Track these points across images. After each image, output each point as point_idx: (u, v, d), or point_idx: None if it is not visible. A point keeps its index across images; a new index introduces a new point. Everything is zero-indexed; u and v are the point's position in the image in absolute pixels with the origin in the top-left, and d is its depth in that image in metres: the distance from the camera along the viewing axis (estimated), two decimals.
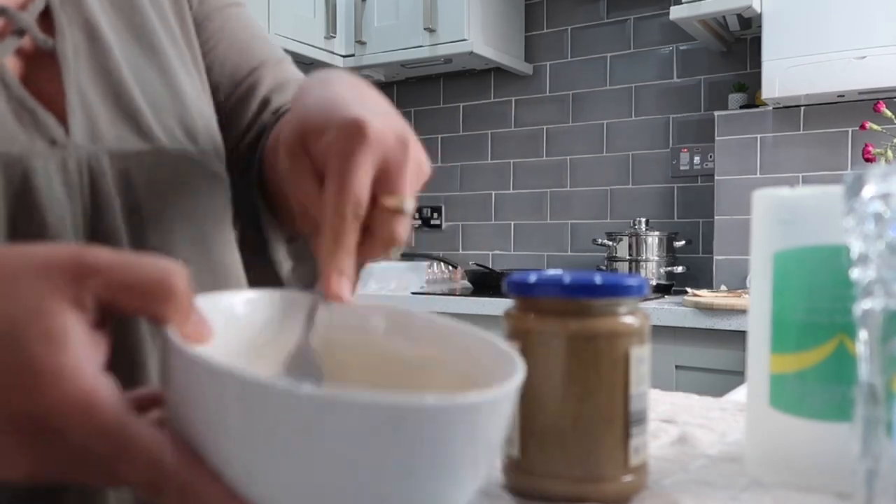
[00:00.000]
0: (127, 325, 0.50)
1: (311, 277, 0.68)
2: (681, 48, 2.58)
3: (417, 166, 0.44)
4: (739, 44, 2.48)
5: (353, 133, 0.41)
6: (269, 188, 0.63)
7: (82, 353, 0.31)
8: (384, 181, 0.42)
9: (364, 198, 0.41)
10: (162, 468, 0.31)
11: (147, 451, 0.31)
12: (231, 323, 0.40)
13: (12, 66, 0.50)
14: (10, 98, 0.48)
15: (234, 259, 0.61)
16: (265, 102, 0.66)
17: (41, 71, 0.51)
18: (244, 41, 0.67)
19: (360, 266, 0.42)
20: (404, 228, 0.43)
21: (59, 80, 0.51)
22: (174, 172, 0.55)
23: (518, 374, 0.33)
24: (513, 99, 2.88)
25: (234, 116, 0.65)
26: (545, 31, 2.82)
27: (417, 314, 0.43)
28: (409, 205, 0.43)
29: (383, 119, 0.43)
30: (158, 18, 0.60)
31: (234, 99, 0.65)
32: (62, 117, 0.50)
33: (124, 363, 0.49)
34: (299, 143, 0.43)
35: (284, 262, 0.65)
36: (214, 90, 0.65)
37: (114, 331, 0.35)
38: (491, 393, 0.30)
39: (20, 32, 0.51)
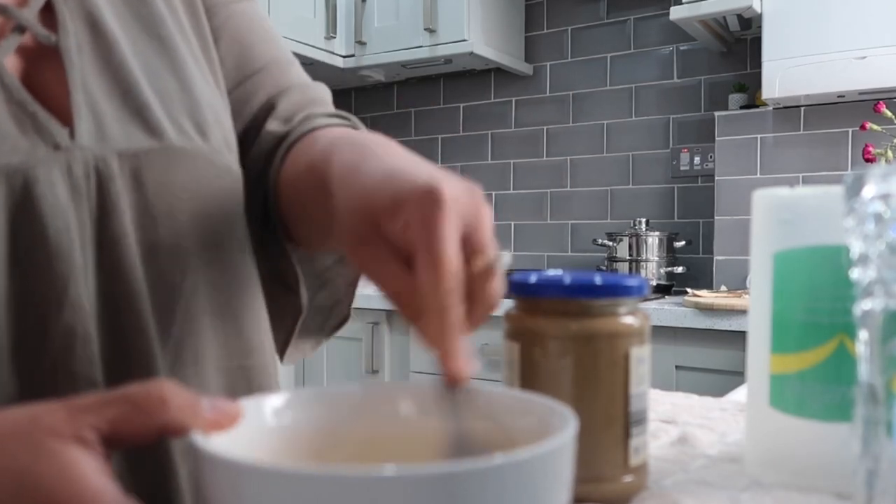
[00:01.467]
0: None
1: (308, 294, 0.67)
2: (681, 48, 2.58)
3: (489, 213, 0.42)
4: (740, 44, 2.48)
5: (431, 202, 0.38)
6: (281, 205, 0.61)
7: (101, 480, 0.31)
8: (469, 243, 0.40)
9: (458, 267, 0.38)
10: None
11: None
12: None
13: (14, 65, 0.48)
14: (11, 102, 0.46)
15: (245, 259, 0.59)
16: (267, 108, 0.63)
17: (44, 68, 0.49)
18: (247, 40, 0.64)
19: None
20: (500, 286, 0.41)
21: (63, 77, 0.49)
22: (185, 170, 0.52)
23: (571, 426, 0.32)
24: (513, 99, 2.88)
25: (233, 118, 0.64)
26: (545, 31, 2.82)
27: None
28: (504, 259, 0.41)
29: (448, 178, 0.40)
30: (167, 8, 0.58)
31: (231, 100, 0.63)
32: (67, 119, 0.48)
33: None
34: (369, 229, 0.41)
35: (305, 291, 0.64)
36: None
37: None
38: (542, 447, 0.29)
39: (21, 29, 0.49)
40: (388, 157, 0.45)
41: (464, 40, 2.54)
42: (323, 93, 0.68)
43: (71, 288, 0.46)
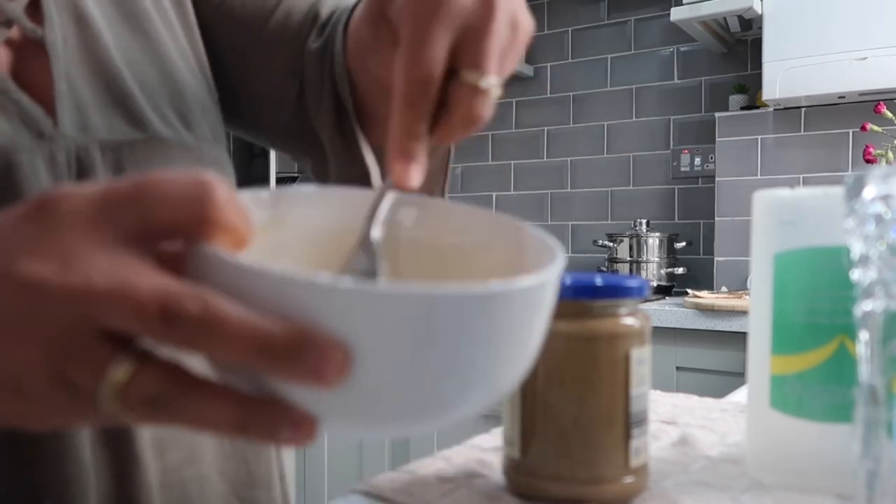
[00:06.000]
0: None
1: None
2: (682, 49, 2.58)
3: (511, 31, 0.39)
4: (740, 45, 2.48)
5: None
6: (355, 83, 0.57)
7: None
8: (465, 51, 0.37)
9: (434, 72, 0.36)
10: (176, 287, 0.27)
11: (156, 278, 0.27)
12: (281, 219, 0.37)
13: (1, 57, 0.49)
14: None
15: None
16: (314, 15, 0.61)
17: (30, 61, 0.50)
18: None
19: (439, 149, 0.38)
20: (484, 108, 0.38)
21: (48, 69, 0.50)
22: (169, 161, 0.53)
23: (558, 260, 0.32)
24: (514, 100, 2.88)
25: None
26: (546, 32, 2.82)
27: (450, 204, 0.40)
28: (489, 82, 0.37)
29: None
30: (152, 2, 0.58)
31: (270, 29, 0.61)
32: (51, 108, 0.49)
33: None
34: (378, 10, 0.39)
35: (373, 167, 0.59)
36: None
37: None
38: (540, 275, 0.30)
39: (8, 23, 0.50)
40: None
41: None
42: None
43: None
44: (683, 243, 2.45)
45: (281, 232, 0.37)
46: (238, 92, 0.63)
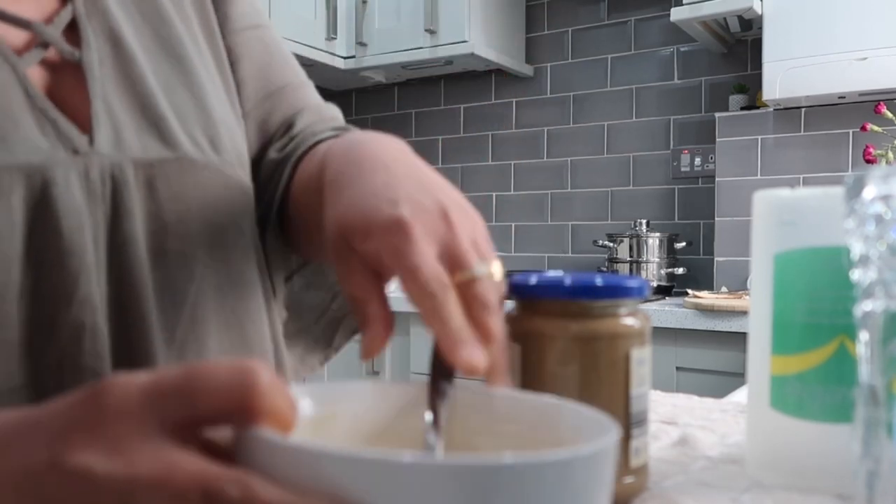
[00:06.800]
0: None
1: (321, 306, 0.69)
2: (682, 49, 2.58)
3: (470, 227, 0.43)
4: (740, 45, 2.48)
5: (397, 233, 0.40)
6: (289, 213, 0.63)
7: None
8: (447, 260, 0.41)
9: (440, 272, 0.39)
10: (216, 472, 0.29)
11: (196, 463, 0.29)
12: (331, 413, 0.38)
13: (38, 77, 0.51)
14: (34, 108, 0.49)
15: (251, 267, 0.61)
16: (286, 126, 0.66)
17: (67, 82, 0.52)
18: (266, 64, 0.67)
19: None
20: (491, 291, 0.41)
21: (84, 90, 0.52)
22: (197, 181, 0.55)
23: (612, 433, 0.32)
24: (514, 100, 2.88)
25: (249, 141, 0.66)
26: (546, 32, 2.82)
27: (496, 392, 0.40)
28: (481, 269, 0.41)
29: (418, 202, 0.42)
30: (185, 30, 0.61)
31: (252, 118, 0.66)
32: (87, 127, 0.51)
33: None
34: (345, 245, 0.43)
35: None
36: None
37: None
38: (584, 448, 0.29)
39: (45, 45, 0.52)
40: (372, 173, 0.46)
41: (464, 41, 2.54)
42: (335, 112, 0.71)
43: (82, 284, 0.48)
44: (683, 243, 2.45)
45: (329, 426, 0.38)
46: None
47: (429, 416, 0.38)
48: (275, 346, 0.63)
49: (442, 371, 0.39)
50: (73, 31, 0.54)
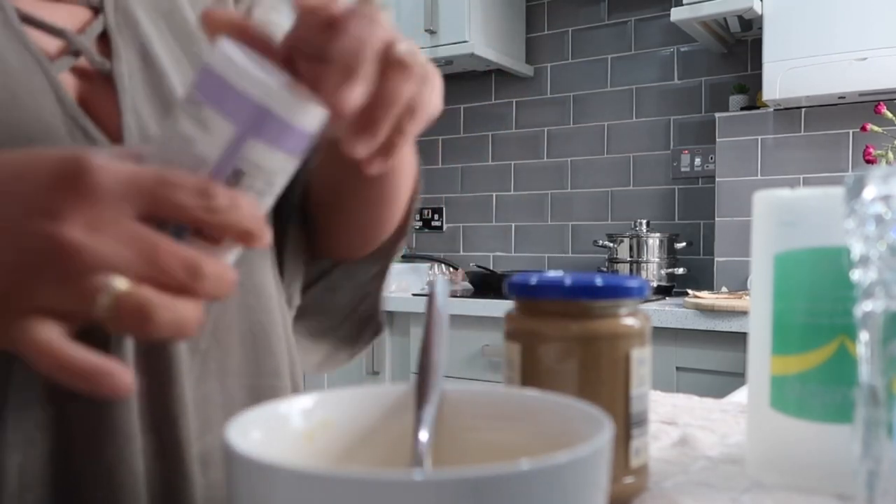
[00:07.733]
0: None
1: (350, 306, 0.71)
2: (682, 50, 2.58)
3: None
4: (740, 45, 2.48)
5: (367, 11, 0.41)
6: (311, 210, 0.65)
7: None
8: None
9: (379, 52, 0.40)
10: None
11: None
12: (328, 422, 0.39)
13: (69, 85, 0.51)
14: (65, 114, 0.49)
15: (269, 280, 0.61)
16: None
17: (97, 92, 0.52)
18: None
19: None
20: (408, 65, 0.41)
21: (114, 101, 0.52)
22: None
23: (606, 431, 0.31)
24: (514, 100, 2.89)
25: None
26: (546, 32, 2.82)
27: (489, 391, 0.40)
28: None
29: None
30: None
31: None
32: (116, 137, 0.51)
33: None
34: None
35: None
36: None
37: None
38: (579, 450, 0.29)
39: (76, 53, 0.52)
40: None
41: (464, 41, 2.54)
42: None
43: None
44: (683, 244, 2.45)
45: (322, 435, 0.38)
46: None
47: (417, 418, 0.38)
48: (290, 358, 0.63)
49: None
50: (103, 42, 0.54)
